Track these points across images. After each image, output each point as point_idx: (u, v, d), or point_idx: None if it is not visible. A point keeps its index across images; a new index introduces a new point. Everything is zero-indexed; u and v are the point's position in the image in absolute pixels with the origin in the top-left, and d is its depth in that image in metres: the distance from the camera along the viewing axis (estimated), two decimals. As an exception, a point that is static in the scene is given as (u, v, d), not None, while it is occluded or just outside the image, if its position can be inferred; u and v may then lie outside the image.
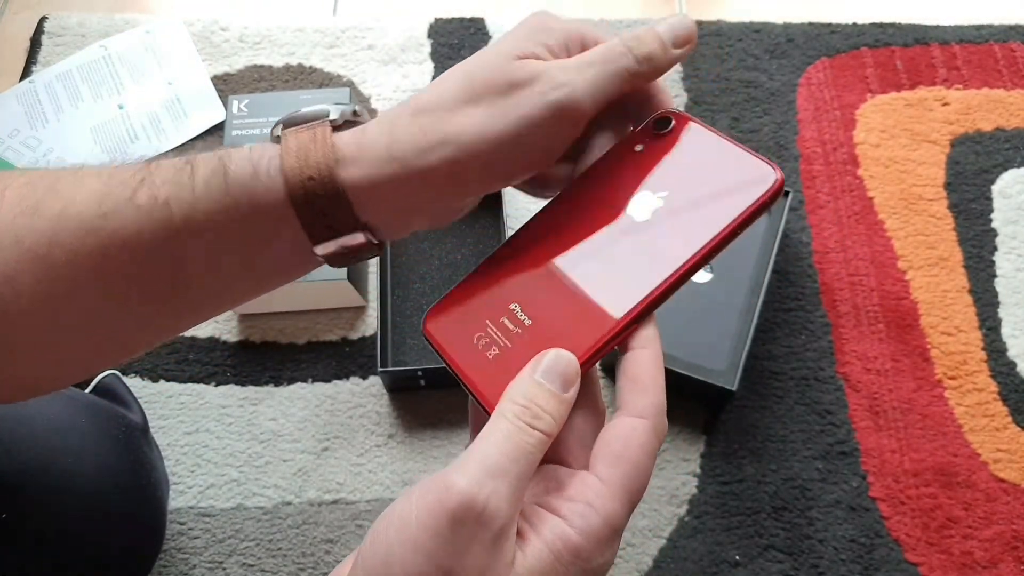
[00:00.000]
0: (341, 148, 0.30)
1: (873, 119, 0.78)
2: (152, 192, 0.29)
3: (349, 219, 0.30)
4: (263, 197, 0.29)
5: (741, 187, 0.29)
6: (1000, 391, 0.66)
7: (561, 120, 0.30)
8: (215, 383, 0.66)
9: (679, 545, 0.60)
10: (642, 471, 0.27)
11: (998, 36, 0.82)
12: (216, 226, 0.29)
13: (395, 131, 0.30)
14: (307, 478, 0.63)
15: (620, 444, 0.27)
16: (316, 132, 0.30)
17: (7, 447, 0.46)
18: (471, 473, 0.24)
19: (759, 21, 0.83)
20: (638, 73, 0.31)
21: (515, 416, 0.26)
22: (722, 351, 0.62)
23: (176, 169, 0.30)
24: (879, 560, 0.59)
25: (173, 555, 0.60)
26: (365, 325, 0.69)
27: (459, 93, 0.30)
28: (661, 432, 0.28)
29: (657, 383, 0.28)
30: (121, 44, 0.82)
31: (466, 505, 0.24)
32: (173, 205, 0.29)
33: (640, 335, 0.28)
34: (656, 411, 0.27)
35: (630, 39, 0.31)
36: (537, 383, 0.27)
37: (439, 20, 0.84)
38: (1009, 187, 0.74)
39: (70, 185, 0.30)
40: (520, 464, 0.25)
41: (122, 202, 0.29)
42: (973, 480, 0.62)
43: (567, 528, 0.25)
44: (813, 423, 0.64)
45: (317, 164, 0.29)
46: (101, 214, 0.29)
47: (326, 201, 0.29)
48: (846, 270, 0.70)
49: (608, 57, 0.31)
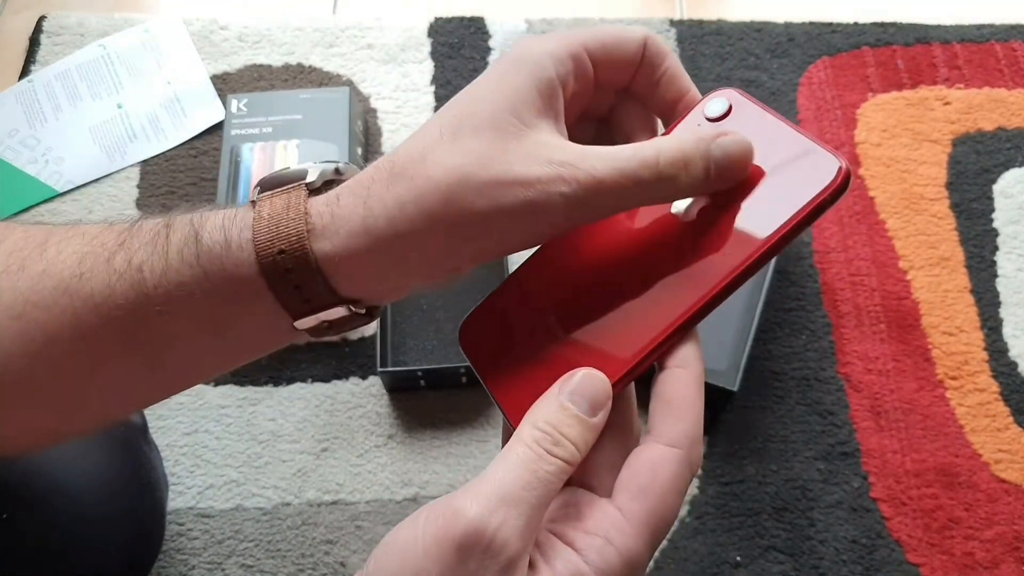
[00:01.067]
0: (314, 219, 0.27)
1: (874, 118, 0.77)
2: (128, 256, 0.28)
3: (326, 293, 0.28)
4: (235, 270, 0.27)
5: (800, 181, 0.26)
6: (1002, 391, 0.65)
7: (552, 220, 0.26)
8: (214, 383, 0.66)
9: (680, 546, 0.60)
10: (669, 506, 0.25)
11: (999, 35, 0.81)
12: (188, 296, 0.28)
13: (370, 202, 0.27)
14: (306, 479, 0.62)
15: (647, 476, 0.25)
16: (291, 199, 0.28)
17: (6, 447, 0.46)
18: (482, 500, 0.23)
19: (760, 20, 0.83)
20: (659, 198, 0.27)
21: (535, 442, 0.25)
22: (723, 351, 0.62)
23: (154, 233, 0.28)
24: (880, 561, 0.59)
25: (172, 556, 0.59)
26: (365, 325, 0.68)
27: (453, 169, 0.26)
28: (695, 463, 0.26)
29: (695, 409, 0.26)
30: (120, 43, 0.82)
31: (474, 535, 0.23)
32: (146, 270, 0.28)
33: (679, 353, 0.26)
34: (691, 441, 0.26)
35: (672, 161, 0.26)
36: (562, 407, 0.25)
37: (439, 19, 0.84)
38: (1010, 187, 0.74)
39: (57, 244, 0.29)
40: (535, 493, 0.24)
41: (100, 264, 0.28)
42: (974, 481, 0.62)
43: (581, 563, 0.24)
44: (814, 423, 0.64)
45: (288, 236, 0.27)
46: (78, 275, 0.28)
47: (299, 275, 0.27)
48: (847, 270, 0.70)
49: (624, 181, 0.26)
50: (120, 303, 0.28)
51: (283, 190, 0.29)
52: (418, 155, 0.27)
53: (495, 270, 0.69)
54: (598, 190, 0.25)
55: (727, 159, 0.26)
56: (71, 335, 0.28)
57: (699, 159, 0.26)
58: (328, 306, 0.28)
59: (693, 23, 0.83)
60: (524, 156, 0.26)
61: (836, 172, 0.25)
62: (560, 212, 0.26)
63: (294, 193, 0.28)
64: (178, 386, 0.32)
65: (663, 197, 0.27)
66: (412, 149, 0.27)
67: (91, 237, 0.29)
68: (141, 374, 0.30)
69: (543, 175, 0.25)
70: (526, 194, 0.25)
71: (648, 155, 0.26)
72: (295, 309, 0.28)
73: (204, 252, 0.28)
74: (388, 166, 0.27)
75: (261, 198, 0.29)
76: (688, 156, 0.26)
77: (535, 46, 0.28)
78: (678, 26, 0.83)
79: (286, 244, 0.27)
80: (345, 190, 0.28)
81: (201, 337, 0.29)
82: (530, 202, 0.25)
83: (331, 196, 0.28)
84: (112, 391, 0.31)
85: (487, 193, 0.25)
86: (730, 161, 0.26)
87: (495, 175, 0.26)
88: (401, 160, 0.27)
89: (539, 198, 0.25)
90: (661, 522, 0.25)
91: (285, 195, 0.28)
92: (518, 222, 0.26)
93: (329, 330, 0.30)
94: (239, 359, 0.31)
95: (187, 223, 0.28)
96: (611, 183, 0.25)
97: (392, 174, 0.27)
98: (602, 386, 0.26)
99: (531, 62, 0.27)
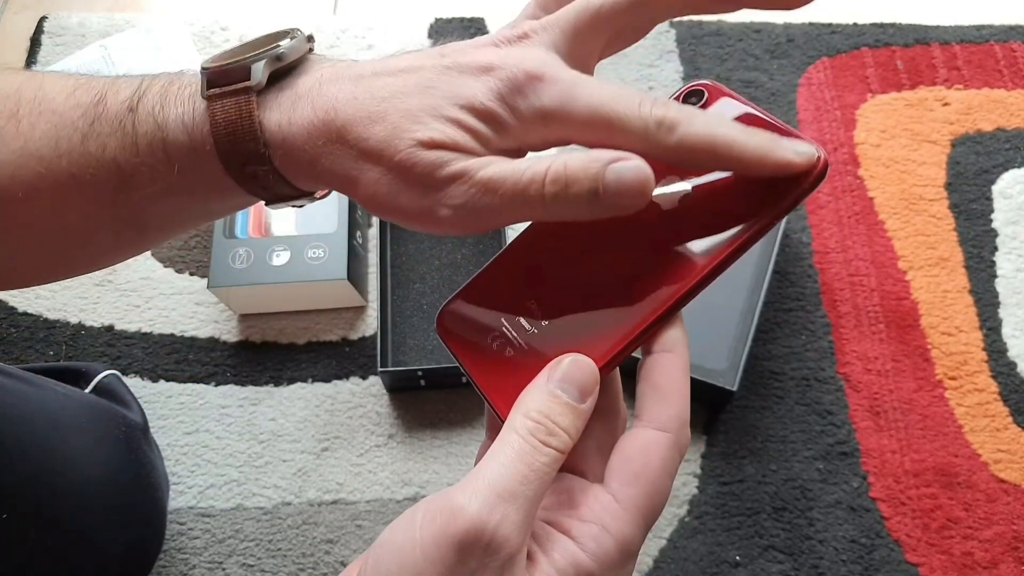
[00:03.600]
0: (269, 137, 0.29)
1: (873, 119, 0.78)
2: (101, 142, 0.30)
3: (292, 190, 0.31)
4: (205, 167, 0.30)
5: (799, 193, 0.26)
6: (1001, 391, 0.65)
7: (450, 229, 0.28)
8: (215, 383, 0.66)
9: (679, 545, 0.60)
10: (660, 490, 0.25)
11: (999, 36, 0.82)
12: (159, 178, 0.30)
13: (316, 150, 0.28)
14: (307, 478, 0.63)
15: (639, 461, 0.25)
16: (241, 106, 0.29)
17: (7, 447, 0.46)
18: (480, 497, 0.23)
19: (759, 21, 0.83)
20: (545, 219, 0.27)
21: (528, 433, 0.24)
22: (722, 351, 0.62)
23: (120, 120, 0.30)
24: (879, 561, 0.59)
25: (173, 555, 0.60)
26: (365, 325, 0.69)
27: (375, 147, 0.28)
28: (683, 447, 0.26)
29: (682, 392, 0.26)
30: (121, 44, 0.82)
31: (474, 533, 0.23)
32: (121, 162, 0.30)
33: (665, 337, 0.26)
34: (679, 424, 0.26)
35: (554, 179, 0.26)
36: (552, 394, 0.25)
37: (439, 20, 0.84)
38: (1010, 187, 0.74)
39: (28, 116, 0.31)
40: (532, 486, 0.24)
41: (75, 146, 0.30)
42: (974, 481, 0.62)
43: (579, 552, 0.24)
44: (813, 423, 0.64)
45: (247, 153, 0.29)
46: (57, 156, 0.30)
47: (265, 180, 0.30)
48: (846, 270, 0.70)
49: (515, 193, 0.26)
50: (101, 182, 0.30)
51: (231, 91, 0.29)
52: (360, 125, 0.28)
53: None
54: (488, 189, 0.26)
55: (618, 184, 0.25)
56: (63, 207, 0.31)
57: (584, 180, 0.25)
58: (296, 196, 0.32)
59: (693, 24, 0.83)
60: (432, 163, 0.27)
61: (815, 161, 0.25)
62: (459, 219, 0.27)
63: (242, 99, 0.29)
64: (159, 242, 0.36)
65: (547, 215, 0.26)
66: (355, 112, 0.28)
67: (59, 113, 0.31)
68: (127, 237, 0.33)
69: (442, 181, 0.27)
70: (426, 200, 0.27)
71: (538, 169, 0.26)
72: (265, 196, 0.31)
73: (172, 151, 0.30)
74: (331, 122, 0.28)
75: (211, 96, 0.29)
76: (571, 175, 0.25)
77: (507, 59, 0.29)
78: (678, 27, 0.83)
79: (247, 160, 0.29)
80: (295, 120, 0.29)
81: (182, 208, 0.32)
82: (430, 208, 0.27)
83: (283, 119, 0.29)
84: (100, 251, 0.34)
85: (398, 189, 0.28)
86: (622, 187, 0.25)
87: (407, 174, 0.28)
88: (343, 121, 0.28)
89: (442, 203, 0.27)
90: (654, 506, 0.25)
91: (234, 99, 0.29)
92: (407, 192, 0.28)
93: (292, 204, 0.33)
94: (212, 217, 0.36)
95: (150, 117, 0.30)
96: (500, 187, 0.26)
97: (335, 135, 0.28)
98: (590, 372, 0.26)
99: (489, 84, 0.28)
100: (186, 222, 0.35)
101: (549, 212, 0.26)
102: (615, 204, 0.25)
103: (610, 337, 0.26)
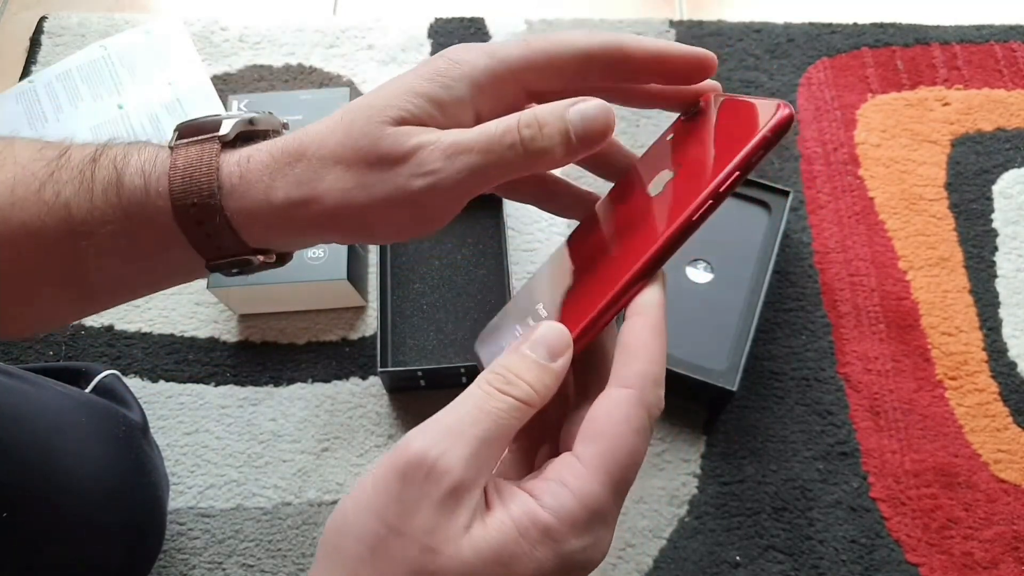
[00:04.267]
0: (224, 177, 0.29)
1: (874, 119, 0.78)
2: (56, 189, 0.30)
3: (236, 243, 0.30)
4: (154, 215, 0.30)
5: (746, 132, 0.27)
6: (1001, 391, 0.65)
7: (422, 207, 0.28)
8: (215, 383, 0.66)
9: (679, 546, 0.60)
10: (625, 447, 0.25)
11: (999, 36, 0.82)
12: (112, 233, 0.30)
13: (274, 177, 0.29)
14: (307, 478, 0.63)
15: (600, 419, 0.25)
16: (204, 152, 0.30)
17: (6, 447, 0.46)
18: (429, 433, 0.24)
19: (759, 21, 0.83)
20: (525, 167, 0.28)
21: (486, 382, 0.26)
22: (722, 351, 0.62)
23: (80, 169, 0.30)
24: (880, 561, 0.59)
25: (173, 555, 0.60)
26: (365, 325, 0.69)
27: (336, 147, 0.29)
28: (650, 403, 0.25)
29: (648, 350, 0.26)
30: (121, 44, 0.82)
31: (415, 461, 0.23)
32: (73, 207, 0.30)
33: (638, 302, 0.27)
34: (642, 379, 0.25)
35: (528, 123, 0.27)
36: (520, 354, 0.26)
37: (439, 20, 0.84)
38: (1010, 187, 0.74)
39: None
40: (481, 426, 0.24)
41: (31, 195, 0.30)
42: (974, 481, 0.62)
43: (536, 506, 0.24)
44: (813, 423, 0.64)
45: (200, 190, 0.29)
46: (11, 203, 0.30)
47: (210, 227, 0.29)
48: (847, 270, 0.70)
49: (490, 145, 0.27)
50: (51, 234, 0.30)
51: (198, 140, 0.30)
52: (319, 142, 0.29)
53: (495, 273, 0.69)
54: (459, 150, 0.27)
55: (584, 121, 0.27)
56: (8, 257, 0.31)
57: (555, 120, 0.27)
58: (238, 254, 0.31)
59: (693, 24, 0.83)
60: (398, 149, 0.28)
61: (776, 115, 0.26)
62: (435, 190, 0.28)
63: (207, 146, 0.30)
64: (106, 306, 0.35)
65: (528, 160, 0.28)
66: (317, 134, 0.29)
67: (22, 165, 0.31)
68: (72, 296, 0.33)
69: (410, 150, 0.28)
70: (397, 177, 0.28)
71: (510, 120, 0.28)
72: (208, 253, 0.31)
73: (125, 195, 0.30)
74: (296, 145, 0.30)
75: (178, 145, 0.30)
76: (542, 119, 0.27)
77: (467, 61, 0.29)
78: (678, 27, 0.83)
79: (198, 198, 0.29)
80: (258, 155, 0.30)
81: (126, 267, 0.32)
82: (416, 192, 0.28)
83: (243, 156, 0.30)
84: (45, 309, 0.33)
85: (365, 176, 0.28)
86: (587, 122, 0.27)
87: (368, 159, 0.28)
88: (306, 143, 0.29)
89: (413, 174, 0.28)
90: (618, 464, 0.24)
91: (199, 146, 0.30)
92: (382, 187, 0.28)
93: (240, 272, 0.32)
94: (161, 286, 0.34)
95: (111, 163, 0.30)
96: (473, 145, 0.27)
97: (297, 154, 0.29)
98: (560, 334, 0.26)
99: (446, 81, 0.29)
100: (131, 284, 0.34)
101: (525, 159, 0.27)
102: (586, 136, 0.27)
103: (586, 309, 0.27)
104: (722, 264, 0.65)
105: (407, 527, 0.23)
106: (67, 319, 0.36)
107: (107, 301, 0.34)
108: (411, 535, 0.23)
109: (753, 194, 0.69)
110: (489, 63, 0.29)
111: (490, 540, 0.23)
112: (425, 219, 0.29)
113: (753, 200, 0.69)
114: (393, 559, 0.23)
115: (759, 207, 0.69)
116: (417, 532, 0.23)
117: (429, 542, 0.23)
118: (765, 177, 0.73)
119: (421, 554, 0.23)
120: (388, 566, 0.23)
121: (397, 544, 0.23)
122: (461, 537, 0.23)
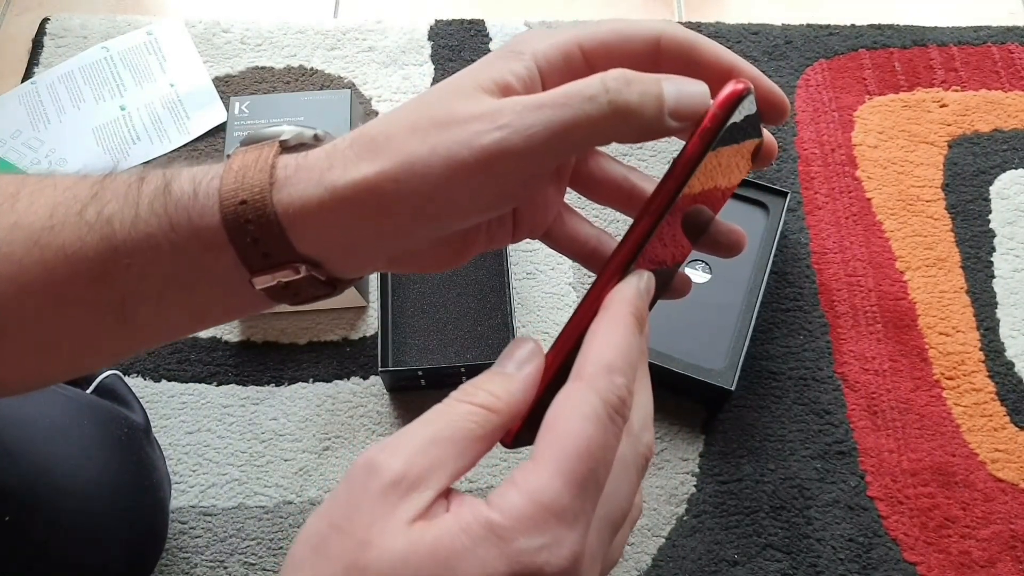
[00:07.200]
0: (279, 171, 0.27)
1: (871, 120, 0.78)
2: (99, 207, 0.28)
3: (285, 248, 0.27)
4: (199, 220, 0.27)
5: (708, 119, 0.26)
6: (998, 391, 0.66)
7: (490, 170, 0.25)
8: (217, 383, 0.67)
9: (678, 544, 0.61)
10: (576, 437, 0.23)
11: (996, 38, 0.82)
12: (155, 248, 0.28)
13: (332, 156, 0.27)
14: (308, 477, 0.63)
15: (550, 415, 0.24)
16: (262, 152, 0.28)
17: (9, 449, 0.46)
18: (380, 441, 0.24)
19: (757, 23, 0.84)
20: (607, 126, 0.25)
21: (450, 397, 0.25)
22: (720, 351, 0.62)
23: (127, 185, 0.29)
24: (877, 559, 0.60)
25: (175, 554, 0.60)
26: (366, 325, 0.69)
27: (405, 121, 0.27)
28: (604, 392, 0.24)
29: (601, 339, 0.25)
30: (123, 45, 0.82)
31: (361, 463, 0.23)
32: (116, 223, 0.28)
33: (606, 299, 0.26)
34: (592, 368, 0.24)
35: (615, 76, 0.25)
36: (487, 371, 0.26)
37: (439, 22, 0.84)
38: (1007, 188, 0.75)
39: (29, 195, 0.29)
40: (432, 426, 0.24)
41: (71, 216, 0.28)
42: (971, 480, 0.62)
43: (483, 507, 0.23)
44: (811, 423, 0.65)
45: (251, 186, 0.27)
46: (49, 227, 0.28)
47: (257, 226, 0.27)
48: (844, 271, 0.71)
49: (568, 98, 0.25)
50: (91, 255, 0.28)
51: (257, 146, 0.29)
52: (384, 123, 0.27)
53: (496, 273, 0.69)
54: (534, 105, 0.25)
55: (679, 91, 0.25)
56: (43, 287, 0.28)
57: (647, 80, 0.25)
58: (286, 263, 0.28)
59: (691, 25, 0.84)
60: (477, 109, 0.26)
61: (729, 92, 0.26)
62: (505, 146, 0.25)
63: (266, 148, 0.28)
64: (146, 342, 0.32)
65: (610, 118, 0.25)
66: (383, 118, 0.28)
67: (64, 188, 0.29)
68: (110, 326, 0.30)
69: (485, 110, 0.26)
70: (465, 132, 0.25)
71: (592, 76, 0.25)
72: (253, 263, 0.28)
73: (172, 202, 0.28)
74: (356, 133, 0.28)
75: (236, 152, 0.29)
76: (631, 75, 0.25)
77: (530, 41, 0.28)
78: (677, 29, 0.83)
79: (248, 195, 0.27)
80: (315, 152, 0.28)
81: (167, 292, 0.29)
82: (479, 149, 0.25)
83: (301, 155, 0.28)
84: (82, 342, 0.31)
85: (431, 137, 0.26)
86: (683, 94, 0.26)
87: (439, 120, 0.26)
88: (371, 125, 0.28)
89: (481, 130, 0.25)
90: (571, 456, 0.23)
91: (257, 150, 0.28)
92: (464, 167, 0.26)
93: (287, 293, 0.29)
94: (205, 320, 0.31)
95: (160, 175, 0.28)
96: (549, 100, 0.25)
97: (360, 134, 0.27)
98: (523, 344, 0.26)
99: (517, 54, 0.27)
100: (171, 317, 0.30)
101: (607, 115, 0.25)
102: (680, 102, 0.25)
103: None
104: (720, 264, 0.66)
105: (348, 523, 0.22)
106: (108, 352, 0.33)
107: (147, 335, 0.31)
108: (350, 530, 0.22)
109: (751, 195, 0.69)
110: (557, 39, 0.28)
111: (427, 535, 0.22)
112: (496, 192, 0.27)
113: (751, 201, 0.69)
114: (330, 556, 0.22)
115: (757, 208, 0.69)
116: (356, 527, 0.22)
117: (365, 536, 0.22)
118: (763, 178, 0.73)
119: (356, 547, 0.22)
120: (326, 564, 0.22)
121: (336, 540, 0.22)
122: (400, 531, 0.22)
